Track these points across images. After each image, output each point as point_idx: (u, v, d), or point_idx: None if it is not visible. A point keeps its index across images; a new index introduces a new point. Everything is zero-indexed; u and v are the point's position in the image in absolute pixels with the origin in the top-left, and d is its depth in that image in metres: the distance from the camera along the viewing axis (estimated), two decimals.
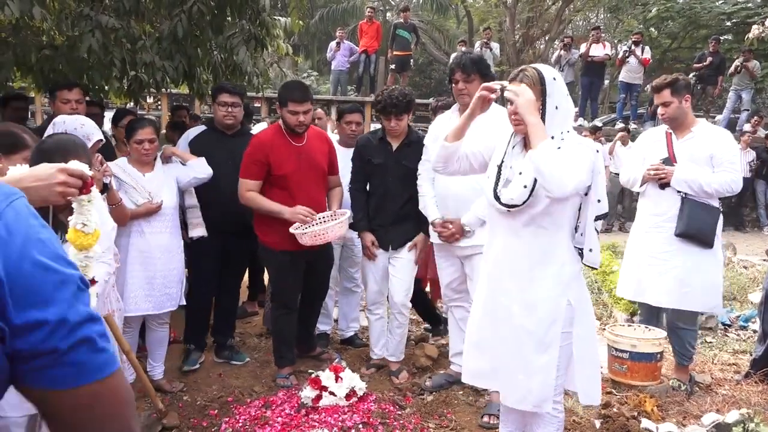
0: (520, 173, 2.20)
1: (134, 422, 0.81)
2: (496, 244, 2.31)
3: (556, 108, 2.14)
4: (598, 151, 2.19)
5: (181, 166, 3.45)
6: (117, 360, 0.78)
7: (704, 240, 3.23)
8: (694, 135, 3.30)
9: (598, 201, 2.18)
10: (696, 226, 3.22)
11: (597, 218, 2.20)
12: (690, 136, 3.31)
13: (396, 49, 12.02)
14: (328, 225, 3.29)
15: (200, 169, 3.45)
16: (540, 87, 2.13)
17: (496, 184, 2.25)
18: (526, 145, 2.24)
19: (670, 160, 3.33)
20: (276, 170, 3.37)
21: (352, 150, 3.77)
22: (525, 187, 2.15)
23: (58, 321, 0.70)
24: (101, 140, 2.94)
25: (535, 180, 2.13)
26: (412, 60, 12.84)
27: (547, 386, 2.18)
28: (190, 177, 3.43)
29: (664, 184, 3.31)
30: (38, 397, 0.74)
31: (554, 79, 2.17)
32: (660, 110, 3.36)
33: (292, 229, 3.28)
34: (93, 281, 1.76)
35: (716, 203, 3.30)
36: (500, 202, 2.21)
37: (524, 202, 2.15)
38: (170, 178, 3.36)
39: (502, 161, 2.28)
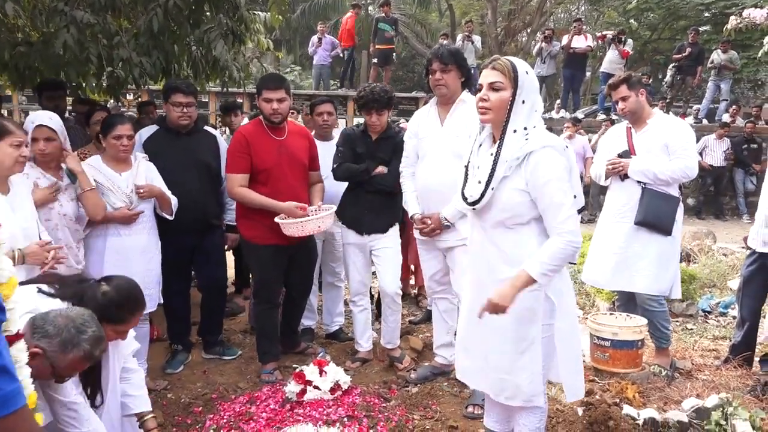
0: (478, 167, 2.19)
1: None
2: (474, 242, 2.31)
3: (523, 102, 2.10)
4: (567, 147, 2.17)
5: (159, 176, 3.34)
6: (17, 399, 0.69)
7: (663, 228, 3.40)
8: (649, 127, 3.49)
9: (574, 197, 2.16)
10: (654, 215, 3.39)
11: None
12: (646, 129, 3.50)
13: (378, 42, 12.01)
14: (312, 217, 3.30)
15: (173, 203, 3.36)
16: (512, 76, 2.10)
17: (464, 184, 2.25)
18: (494, 140, 2.21)
19: (629, 153, 3.51)
20: (257, 164, 3.36)
21: (327, 143, 3.86)
22: (479, 182, 2.14)
23: None
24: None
25: (490, 176, 2.11)
26: (394, 54, 12.83)
27: (535, 382, 2.18)
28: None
29: (624, 176, 3.50)
30: None
31: (527, 73, 2.13)
32: (620, 105, 3.53)
33: (278, 219, 3.28)
34: (19, 335, 1.52)
35: (675, 192, 3.46)
36: (467, 202, 2.21)
37: (482, 196, 2.13)
38: (148, 179, 3.29)
39: (469, 161, 2.27)
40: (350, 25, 12.69)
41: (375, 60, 12.20)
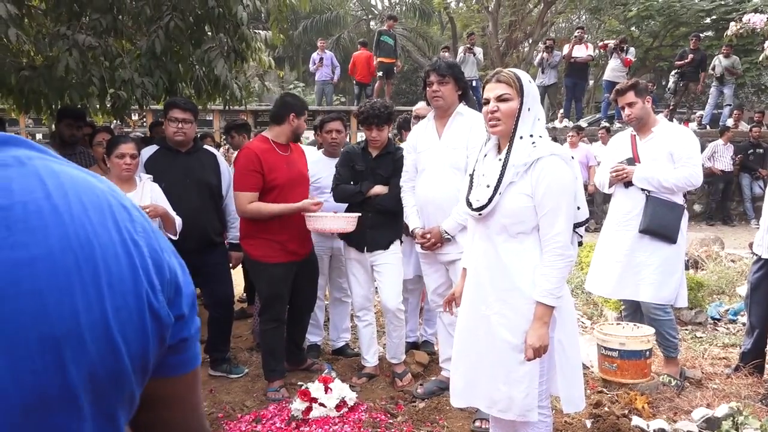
0: (483, 175, 2.21)
1: (203, 418, 0.83)
2: (475, 253, 2.31)
3: (529, 110, 2.16)
4: (573, 158, 2.19)
5: (164, 197, 3.35)
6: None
7: (667, 236, 3.37)
8: (654, 135, 3.47)
9: (578, 208, 2.18)
10: (659, 223, 3.36)
11: (578, 225, 2.20)
12: (651, 136, 3.48)
13: (381, 56, 12.06)
14: (344, 215, 3.41)
15: (178, 223, 3.36)
16: (518, 85, 2.15)
17: (469, 191, 2.27)
18: (500, 149, 2.25)
19: (633, 160, 3.49)
20: (270, 181, 3.36)
21: (336, 160, 3.85)
22: (488, 186, 2.17)
23: (189, 312, 0.72)
24: None
25: (499, 181, 2.14)
26: (395, 68, 12.86)
27: (530, 396, 2.16)
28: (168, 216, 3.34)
29: (628, 183, 3.47)
30: (151, 383, 0.71)
31: (530, 82, 2.21)
32: (626, 111, 3.51)
33: (310, 214, 3.34)
34: None
35: (680, 200, 3.44)
36: (472, 208, 2.22)
37: (489, 200, 2.15)
38: (153, 200, 3.30)
39: (474, 170, 2.30)
40: (370, 62, 12.29)
41: (380, 73, 12.21)
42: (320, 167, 3.90)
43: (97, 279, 0.59)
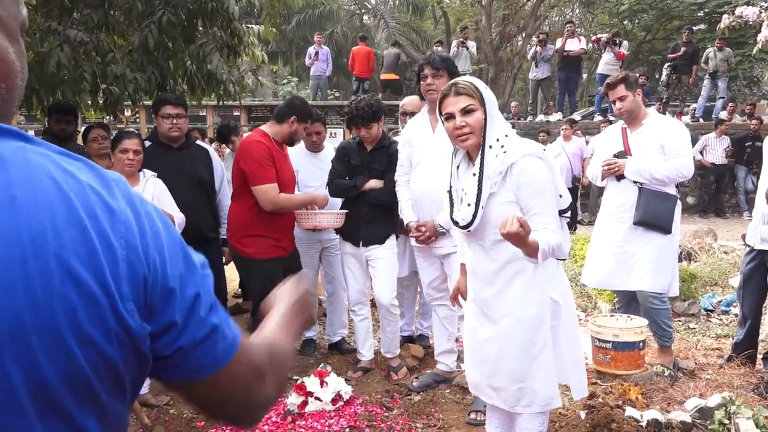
0: (465, 192, 2.19)
1: (262, 395, 0.78)
2: (470, 260, 2.32)
3: (492, 116, 2.15)
4: (545, 150, 2.22)
5: (167, 193, 3.32)
6: (239, 339, 0.75)
7: (662, 227, 3.40)
8: (645, 127, 3.49)
9: (560, 196, 2.20)
10: (653, 214, 3.39)
11: (562, 212, 2.23)
12: (642, 129, 3.50)
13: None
14: (332, 212, 3.54)
15: (177, 220, 3.28)
16: (478, 94, 2.14)
17: (452, 208, 2.26)
18: (471, 159, 2.23)
19: (624, 153, 3.51)
20: (280, 177, 3.36)
21: (317, 155, 3.93)
22: (469, 205, 2.16)
23: (184, 320, 0.68)
24: None
25: (478, 196, 2.12)
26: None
27: (550, 385, 2.19)
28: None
29: (620, 176, 3.49)
30: (177, 387, 0.72)
31: (485, 88, 2.20)
32: (617, 105, 3.52)
33: (303, 212, 3.46)
34: None
35: (673, 191, 3.47)
36: (459, 226, 2.22)
37: (473, 218, 2.14)
38: (156, 196, 3.27)
39: (451, 186, 2.28)
40: (370, 57, 12.45)
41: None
42: (300, 160, 3.87)
43: (46, 276, 0.55)
